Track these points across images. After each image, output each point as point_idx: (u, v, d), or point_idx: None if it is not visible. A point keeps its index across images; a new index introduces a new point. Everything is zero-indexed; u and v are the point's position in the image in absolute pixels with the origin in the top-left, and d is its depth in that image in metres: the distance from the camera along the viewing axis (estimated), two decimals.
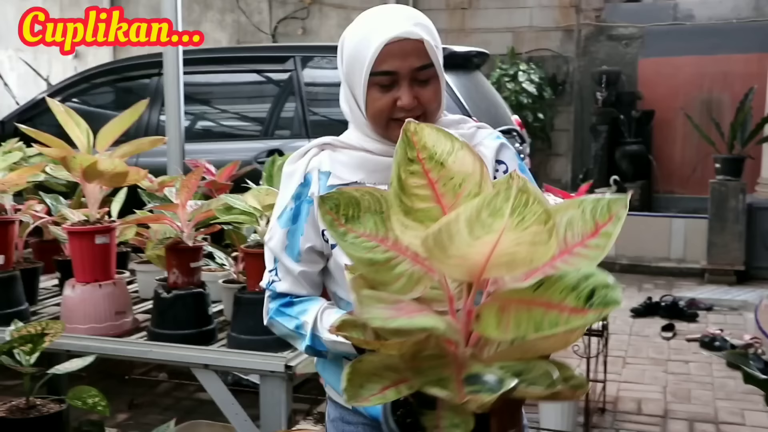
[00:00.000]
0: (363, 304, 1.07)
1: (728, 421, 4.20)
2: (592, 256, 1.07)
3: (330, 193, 1.17)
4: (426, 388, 1.05)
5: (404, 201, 1.09)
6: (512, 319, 1.02)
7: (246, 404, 2.41)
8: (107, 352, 2.39)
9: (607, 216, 1.07)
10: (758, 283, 7.22)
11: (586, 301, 0.97)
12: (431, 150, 1.09)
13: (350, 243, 1.15)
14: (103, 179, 2.36)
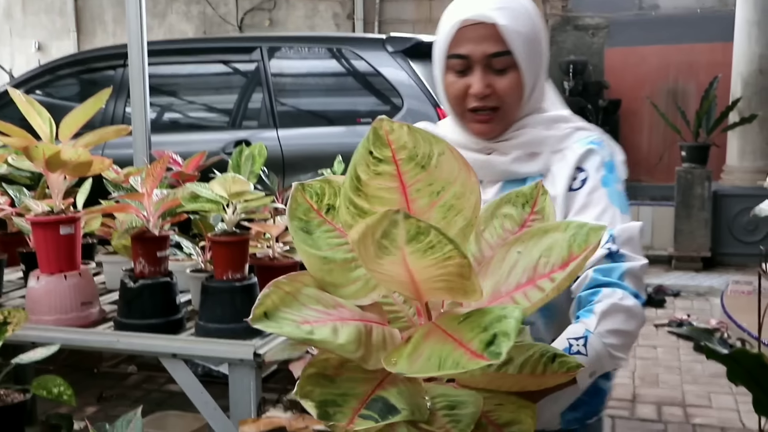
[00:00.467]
0: (291, 306, 1.02)
1: (695, 404, 4.26)
2: (547, 291, 1.00)
3: (315, 180, 1.11)
4: (312, 403, 0.99)
5: (359, 203, 1.00)
6: (426, 350, 0.96)
7: (216, 395, 2.40)
8: (74, 343, 2.37)
9: (583, 247, 0.99)
10: (724, 269, 7.32)
11: (485, 347, 0.91)
12: (411, 151, 0.98)
13: (316, 237, 1.09)
14: (67, 169, 2.33)
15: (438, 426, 1.03)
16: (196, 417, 3.05)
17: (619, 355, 1.36)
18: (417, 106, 4.82)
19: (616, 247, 1.41)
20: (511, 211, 1.15)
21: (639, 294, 1.39)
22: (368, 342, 1.02)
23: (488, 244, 1.13)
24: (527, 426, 1.07)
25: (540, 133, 1.54)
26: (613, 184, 1.50)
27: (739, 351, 1.09)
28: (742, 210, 7.48)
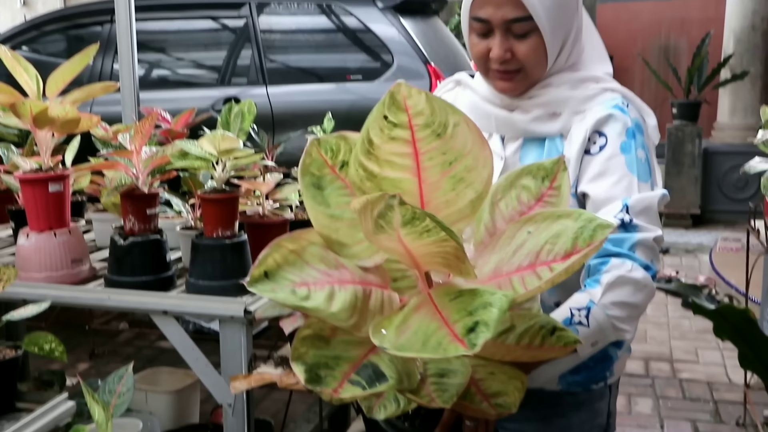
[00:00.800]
0: (294, 264, 1.01)
1: (682, 360, 4.31)
2: (542, 281, 1.00)
3: (331, 135, 1.10)
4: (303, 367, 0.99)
5: (369, 167, 0.99)
6: (414, 324, 0.96)
7: (207, 351, 2.41)
8: (64, 300, 2.37)
9: (587, 242, 0.98)
10: (713, 226, 7.36)
11: (466, 334, 0.90)
12: (428, 118, 0.97)
13: (327, 194, 1.08)
14: (55, 126, 2.31)
15: (424, 394, 1.03)
16: (187, 373, 3.07)
17: (624, 327, 1.34)
18: (407, 62, 4.79)
19: (630, 218, 1.37)
20: (529, 184, 1.13)
21: (651, 266, 1.37)
22: (364, 308, 1.02)
23: (502, 215, 1.12)
24: (513, 399, 1.08)
25: (563, 93, 1.50)
26: (634, 151, 1.45)
27: (725, 306, 1.10)
28: (732, 167, 7.50)
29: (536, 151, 1.52)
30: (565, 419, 1.56)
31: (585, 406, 1.57)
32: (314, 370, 1.00)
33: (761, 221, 3.35)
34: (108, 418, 1.49)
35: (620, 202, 1.39)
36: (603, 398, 1.59)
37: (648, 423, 3.59)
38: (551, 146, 1.51)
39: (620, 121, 1.46)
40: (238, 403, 2.32)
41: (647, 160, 1.47)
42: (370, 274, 1.07)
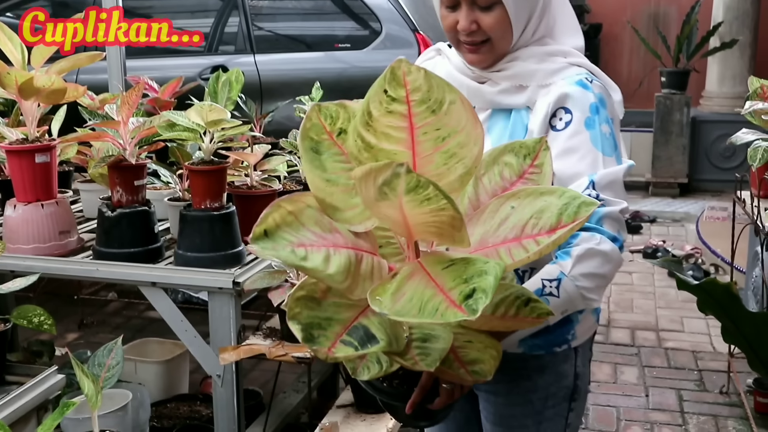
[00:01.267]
0: (291, 225, 1.04)
1: (668, 329, 4.35)
2: (529, 251, 1.03)
3: (331, 103, 1.13)
4: (299, 326, 1.04)
5: (366, 138, 1.03)
6: (409, 291, 1.00)
7: (195, 321, 2.42)
8: (53, 272, 2.37)
9: (572, 218, 1.03)
10: (700, 195, 7.39)
11: (464, 300, 0.94)
12: (425, 94, 1.01)
13: (324, 158, 1.11)
14: (41, 96, 2.30)
15: (408, 357, 1.06)
16: (176, 343, 3.08)
17: (592, 296, 1.40)
18: (396, 30, 4.75)
19: (596, 193, 1.42)
20: (512, 161, 1.17)
21: (617, 237, 1.41)
22: (357, 272, 1.05)
23: (485, 190, 1.16)
24: (488, 367, 1.11)
25: (529, 67, 1.53)
26: (598, 126, 1.48)
27: (708, 281, 1.12)
28: (719, 136, 7.51)
29: (503, 122, 1.57)
30: (530, 381, 1.60)
31: (549, 368, 1.61)
32: (308, 329, 1.04)
33: (747, 192, 3.36)
34: (98, 391, 1.50)
35: (586, 179, 1.44)
36: (568, 360, 1.63)
37: (633, 392, 3.63)
38: (517, 118, 1.55)
39: (584, 96, 1.50)
40: (227, 374, 2.33)
41: (612, 134, 1.51)
42: (360, 239, 1.10)
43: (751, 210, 3.11)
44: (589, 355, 1.70)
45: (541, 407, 1.63)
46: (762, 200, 3.05)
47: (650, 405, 3.51)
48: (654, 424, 3.35)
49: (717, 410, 3.46)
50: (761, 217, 2.90)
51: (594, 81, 1.53)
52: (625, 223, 1.46)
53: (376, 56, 4.72)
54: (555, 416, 1.65)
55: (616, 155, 1.50)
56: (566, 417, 1.66)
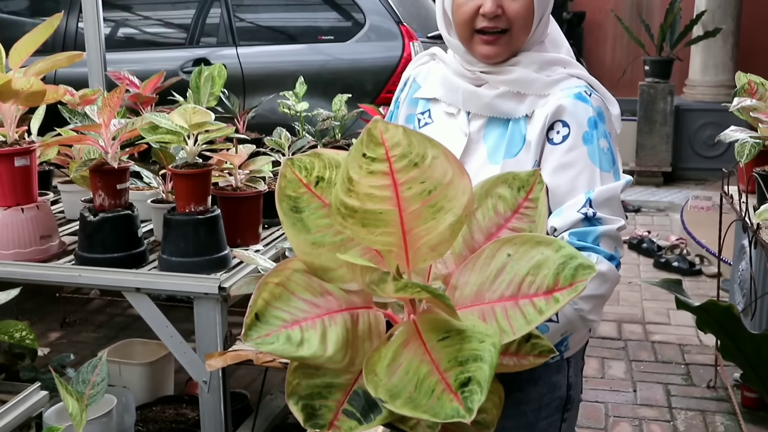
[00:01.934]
0: (280, 298, 1.02)
1: (654, 321, 4.35)
2: (529, 320, 0.99)
3: (304, 154, 1.09)
4: (299, 404, 1.02)
5: (350, 203, 0.99)
6: (404, 362, 0.98)
7: (180, 319, 2.38)
8: (34, 278, 2.32)
9: (569, 281, 1.00)
10: (684, 184, 7.41)
11: (459, 387, 0.92)
12: (406, 149, 0.97)
13: (306, 216, 1.07)
14: (19, 99, 2.24)
15: (411, 420, 1.03)
16: (160, 344, 3.03)
17: (591, 317, 1.38)
18: (379, 22, 4.70)
19: (593, 211, 1.40)
20: (505, 193, 1.13)
21: (615, 255, 1.40)
22: (354, 338, 1.03)
23: (479, 226, 1.12)
24: (491, 416, 1.08)
25: (529, 75, 1.50)
26: (596, 141, 1.45)
27: (709, 303, 1.09)
28: (703, 125, 7.53)
29: (499, 130, 1.53)
30: (523, 393, 1.57)
31: (542, 380, 1.59)
32: (309, 403, 1.01)
33: (734, 186, 3.35)
34: (82, 409, 1.46)
35: (583, 196, 1.41)
36: (560, 371, 1.60)
37: (621, 386, 3.63)
38: (515, 128, 1.51)
39: (583, 110, 1.47)
40: (213, 379, 2.30)
41: (610, 149, 1.48)
42: (353, 295, 1.07)
43: (739, 206, 3.09)
44: (581, 365, 1.68)
45: (534, 419, 1.60)
46: (750, 196, 3.03)
47: (638, 400, 3.51)
48: (642, 420, 3.34)
49: (705, 405, 3.46)
50: (749, 213, 2.89)
51: (593, 94, 1.50)
52: (621, 240, 1.44)
53: (359, 48, 4.68)
54: (548, 427, 1.62)
55: (614, 170, 1.47)
56: (559, 428, 1.64)
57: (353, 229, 1.00)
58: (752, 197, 3.01)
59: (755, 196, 2.95)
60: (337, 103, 3.27)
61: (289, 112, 3.26)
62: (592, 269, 1.00)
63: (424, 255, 1.03)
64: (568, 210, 1.41)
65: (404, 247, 1.02)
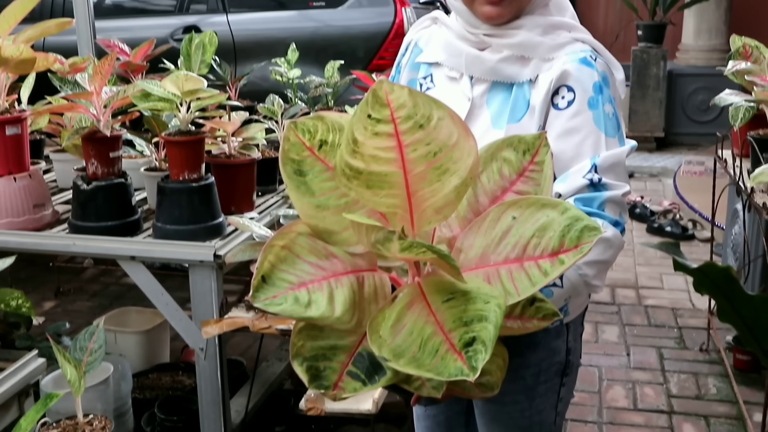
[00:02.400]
0: (286, 261, 1.02)
1: (648, 286, 4.37)
2: (534, 281, 1.00)
3: (307, 117, 1.08)
4: (304, 365, 1.02)
5: (354, 165, 0.99)
6: (409, 323, 0.98)
7: (174, 287, 2.38)
8: (28, 247, 2.31)
9: (575, 242, 1.00)
10: (677, 149, 7.41)
11: (464, 347, 0.93)
12: (411, 110, 0.96)
13: (310, 180, 1.06)
14: (9, 67, 2.22)
15: (415, 380, 1.04)
16: (156, 313, 3.04)
17: (595, 283, 1.38)
18: None
19: (598, 177, 1.39)
20: (510, 156, 1.12)
21: (620, 221, 1.40)
22: (361, 300, 1.03)
23: (484, 189, 1.12)
24: (495, 378, 1.08)
25: (533, 38, 1.47)
26: (601, 106, 1.44)
27: (707, 265, 1.09)
28: (696, 89, 7.52)
29: (503, 95, 1.51)
30: (522, 358, 1.58)
31: (542, 345, 1.59)
32: (313, 364, 1.02)
33: (728, 150, 3.35)
34: (80, 376, 1.46)
35: (588, 162, 1.40)
36: (560, 336, 1.61)
37: (614, 350, 3.65)
38: (519, 93, 1.50)
39: (588, 75, 1.45)
40: (210, 346, 2.30)
41: (614, 115, 1.47)
42: (358, 258, 1.07)
43: (733, 170, 3.10)
44: (580, 330, 1.69)
45: (533, 383, 1.61)
46: (743, 160, 3.04)
47: (631, 364, 3.54)
48: (635, 383, 3.37)
49: (697, 368, 3.49)
50: (743, 177, 2.89)
51: (598, 59, 1.48)
52: (626, 206, 1.44)
53: (351, 14, 4.65)
54: (547, 392, 1.63)
55: (619, 136, 1.45)
56: (558, 392, 1.65)
57: (358, 191, 0.99)
58: (746, 161, 3.01)
59: (749, 160, 2.95)
60: (330, 69, 3.25)
61: (281, 79, 3.23)
62: (597, 231, 0.99)
63: (428, 217, 1.03)
64: (574, 175, 1.40)
65: (409, 210, 1.01)
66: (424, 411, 1.88)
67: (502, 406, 1.63)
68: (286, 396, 2.93)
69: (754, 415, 3.02)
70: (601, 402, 3.24)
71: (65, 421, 1.60)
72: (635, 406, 3.21)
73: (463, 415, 1.83)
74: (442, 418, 1.85)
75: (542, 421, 1.65)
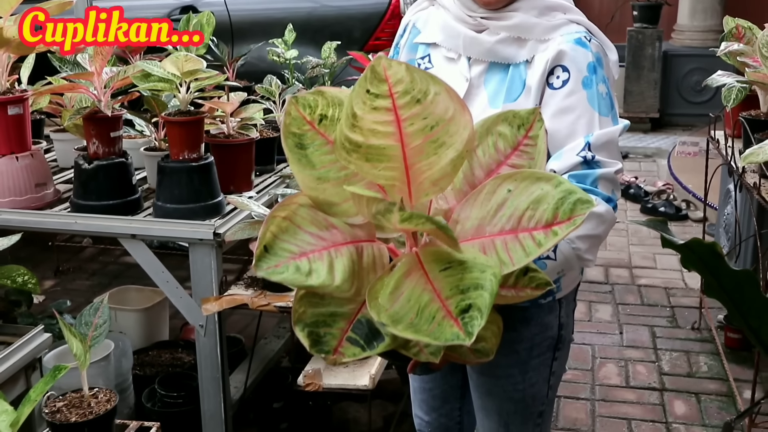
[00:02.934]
0: (287, 231, 1.05)
1: (641, 266, 4.42)
2: (528, 252, 1.03)
3: (307, 92, 1.12)
4: (305, 331, 1.06)
5: (354, 138, 1.02)
6: (406, 291, 1.01)
7: (173, 266, 2.41)
8: (30, 225, 2.34)
9: (568, 215, 1.03)
10: (671, 130, 7.44)
11: (460, 314, 0.96)
12: (408, 85, 1.00)
13: (310, 153, 1.10)
14: (10, 47, 2.24)
15: (413, 346, 1.07)
16: (155, 291, 3.08)
17: (587, 257, 1.43)
18: None
19: (592, 154, 1.43)
20: (505, 131, 1.16)
21: (612, 197, 1.44)
22: (360, 269, 1.06)
23: (480, 163, 1.15)
24: (491, 345, 1.12)
25: (529, 20, 1.52)
26: (595, 86, 1.48)
27: (693, 241, 1.13)
28: (691, 70, 7.53)
29: (500, 75, 1.55)
30: (515, 333, 1.62)
31: (534, 319, 1.64)
32: (314, 330, 1.04)
33: (720, 131, 3.39)
34: (86, 350, 1.50)
35: (582, 140, 1.44)
36: (552, 312, 1.65)
37: (607, 329, 3.71)
38: (515, 73, 1.54)
39: (582, 55, 1.49)
40: (209, 324, 2.34)
41: (608, 94, 1.51)
42: (357, 229, 1.10)
43: (725, 150, 3.13)
44: (573, 306, 1.73)
45: (526, 357, 1.66)
46: (736, 140, 3.07)
47: (624, 342, 3.59)
48: (628, 361, 3.43)
49: (689, 346, 3.54)
50: (735, 157, 2.93)
51: (592, 40, 1.52)
52: (619, 183, 1.48)
53: None
54: (540, 365, 1.68)
55: (612, 115, 1.50)
56: (550, 366, 1.69)
57: (357, 164, 1.03)
58: (738, 141, 3.05)
59: (741, 140, 2.99)
60: (326, 50, 3.27)
61: (278, 59, 3.26)
62: (590, 203, 1.03)
63: (426, 190, 1.07)
64: (568, 153, 1.45)
65: (407, 182, 1.05)
66: (420, 385, 1.92)
67: (495, 379, 1.68)
68: (284, 373, 2.98)
69: (744, 392, 3.08)
70: (594, 379, 3.29)
71: (71, 394, 1.64)
72: (627, 384, 3.26)
73: (459, 389, 1.88)
74: (438, 391, 1.89)
75: (535, 394, 1.70)
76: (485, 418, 1.76)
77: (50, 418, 1.61)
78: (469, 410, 1.87)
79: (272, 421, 2.85)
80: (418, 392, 1.94)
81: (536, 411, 1.73)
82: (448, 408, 1.91)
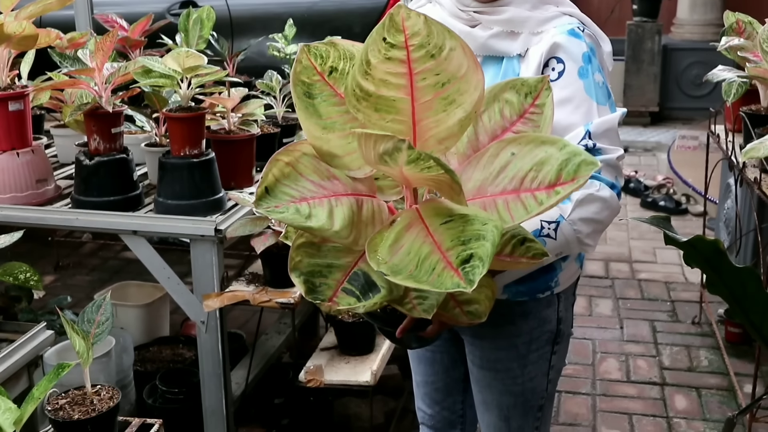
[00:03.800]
0: (289, 177, 1.05)
1: (641, 260, 4.42)
2: (529, 210, 1.04)
3: (320, 42, 1.12)
4: (301, 278, 1.07)
5: (365, 86, 1.01)
6: (406, 244, 1.01)
7: (173, 261, 2.41)
8: (32, 221, 2.34)
9: (572, 176, 1.03)
10: (671, 124, 7.43)
11: (461, 264, 0.96)
12: (424, 39, 0.99)
13: (318, 102, 1.10)
14: (11, 43, 2.24)
15: (407, 302, 1.07)
16: (156, 286, 3.08)
17: (588, 241, 1.43)
18: None
19: (593, 142, 1.44)
20: (512, 98, 1.16)
21: (615, 184, 1.45)
22: (359, 220, 1.07)
23: (485, 129, 1.15)
24: (483, 307, 1.13)
25: (522, 13, 1.52)
26: (591, 75, 1.49)
27: (696, 238, 1.13)
28: (691, 64, 7.52)
29: (493, 68, 1.56)
30: (514, 327, 1.64)
31: (533, 314, 1.64)
32: (310, 279, 1.05)
33: (721, 126, 3.39)
34: (89, 347, 1.50)
35: (582, 129, 1.45)
36: (551, 306, 1.66)
37: (608, 323, 3.71)
38: (508, 66, 1.55)
39: (577, 46, 1.50)
40: (211, 320, 2.34)
41: (604, 83, 1.53)
42: (358, 183, 1.11)
43: (725, 145, 3.13)
44: (572, 300, 1.73)
45: (525, 351, 1.66)
46: (736, 135, 3.07)
47: (625, 337, 3.59)
48: (629, 356, 3.43)
49: (689, 340, 3.55)
50: (735, 152, 2.93)
51: (585, 30, 1.53)
52: (621, 169, 1.49)
53: None
54: (539, 359, 1.69)
55: (609, 103, 1.51)
56: (549, 360, 1.70)
57: (366, 113, 1.03)
58: (738, 136, 3.05)
59: (742, 135, 2.98)
60: None
61: (279, 54, 3.25)
62: (594, 165, 1.04)
63: (431, 147, 1.06)
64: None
65: (413, 137, 1.05)
66: (423, 379, 1.92)
67: (495, 373, 1.69)
68: (285, 368, 2.98)
69: (745, 387, 3.08)
70: (595, 374, 3.30)
71: (74, 391, 1.64)
72: (628, 378, 3.27)
73: (461, 382, 1.88)
74: (441, 384, 1.90)
75: (534, 388, 1.70)
76: (485, 411, 1.77)
77: (53, 415, 1.61)
78: (471, 404, 1.88)
79: (273, 417, 2.85)
80: (420, 386, 1.94)
81: (536, 405, 1.74)
82: (450, 401, 1.92)
